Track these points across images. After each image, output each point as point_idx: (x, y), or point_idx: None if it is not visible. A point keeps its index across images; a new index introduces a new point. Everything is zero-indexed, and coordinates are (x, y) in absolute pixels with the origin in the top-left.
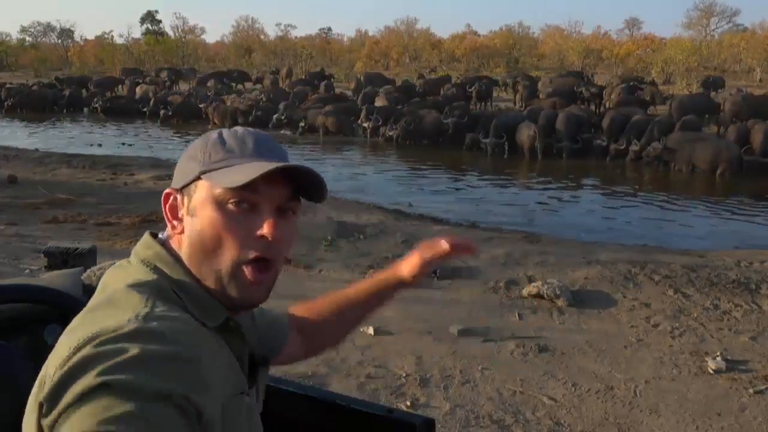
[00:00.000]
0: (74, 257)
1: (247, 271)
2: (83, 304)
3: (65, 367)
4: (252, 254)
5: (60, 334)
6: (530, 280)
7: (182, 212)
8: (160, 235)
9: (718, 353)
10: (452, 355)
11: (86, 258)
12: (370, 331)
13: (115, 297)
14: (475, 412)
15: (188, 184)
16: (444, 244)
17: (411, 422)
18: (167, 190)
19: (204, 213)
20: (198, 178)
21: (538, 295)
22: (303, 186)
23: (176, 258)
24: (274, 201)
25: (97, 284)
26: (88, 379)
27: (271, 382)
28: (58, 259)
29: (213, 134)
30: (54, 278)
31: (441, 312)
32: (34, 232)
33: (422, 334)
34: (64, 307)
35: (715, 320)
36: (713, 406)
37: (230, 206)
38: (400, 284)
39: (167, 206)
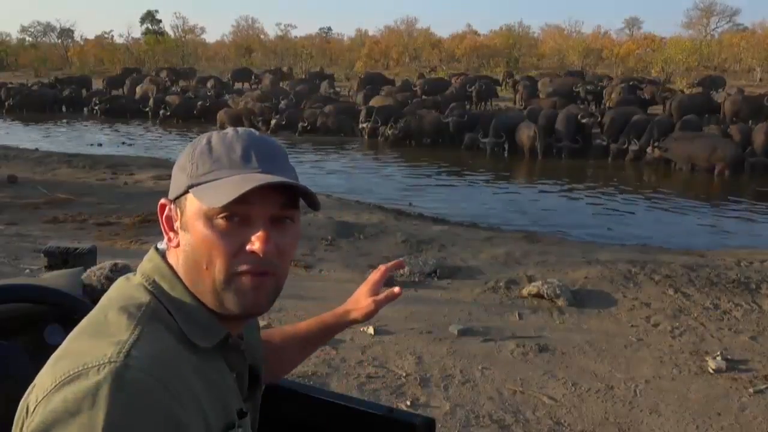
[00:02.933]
0: (74, 257)
1: (242, 279)
2: (83, 304)
3: (48, 409)
4: (244, 269)
5: (60, 334)
6: (530, 279)
7: (177, 224)
8: (159, 246)
9: (718, 353)
10: (452, 354)
11: (86, 258)
12: (370, 330)
13: (105, 319)
14: (475, 411)
15: (179, 197)
16: (376, 274)
17: (411, 422)
18: (162, 201)
19: (195, 228)
20: (186, 191)
21: (538, 295)
22: (299, 193)
23: (174, 273)
24: (267, 211)
25: (97, 284)
26: None
27: None
28: (58, 259)
29: (202, 140)
30: (54, 278)
31: (441, 312)
32: (34, 231)
33: (422, 333)
34: (64, 307)
35: (716, 320)
36: (713, 405)
37: (219, 221)
38: (352, 323)
39: (163, 217)
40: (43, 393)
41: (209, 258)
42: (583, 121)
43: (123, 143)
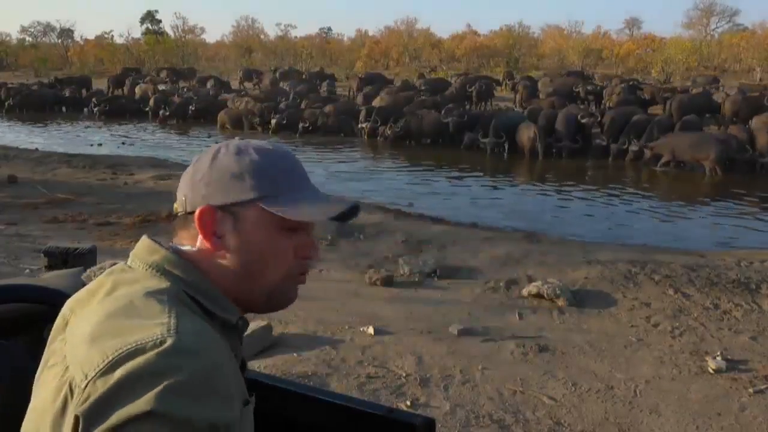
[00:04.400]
0: (74, 257)
1: (294, 281)
2: None
3: (109, 384)
4: (299, 272)
5: None
6: (530, 279)
7: (223, 230)
8: (184, 247)
9: (718, 353)
10: (452, 355)
11: (86, 258)
12: (370, 331)
13: (134, 304)
14: (475, 411)
15: (237, 204)
16: None
17: (411, 422)
18: (204, 207)
19: (260, 236)
20: (253, 202)
21: (538, 295)
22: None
23: (187, 261)
24: (314, 225)
25: None
26: (137, 405)
27: (271, 381)
28: (58, 259)
29: (253, 155)
30: (54, 278)
31: (441, 312)
32: (34, 231)
33: (422, 334)
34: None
35: (715, 320)
36: (713, 405)
37: (286, 231)
38: None
39: (202, 221)
40: (94, 370)
41: (272, 261)
42: (583, 121)
43: (123, 143)
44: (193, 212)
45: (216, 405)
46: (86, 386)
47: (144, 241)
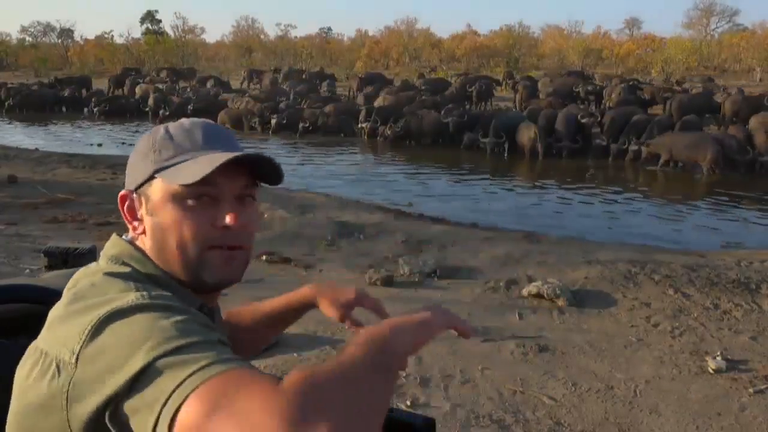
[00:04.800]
0: (74, 257)
1: (216, 253)
2: None
3: (99, 345)
4: (216, 244)
5: None
6: (530, 279)
7: (141, 212)
8: (124, 237)
9: (718, 353)
10: (452, 354)
11: (86, 258)
12: None
13: (95, 287)
14: (475, 411)
15: (142, 184)
16: (350, 294)
17: (411, 422)
18: (123, 192)
19: (165, 211)
20: (152, 177)
21: (538, 295)
22: (259, 172)
23: (143, 254)
24: (233, 191)
25: None
26: (135, 359)
27: None
28: (58, 259)
29: (160, 129)
30: (54, 278)
31: None
32: (34, 231)
33: None
34: None
35: (715, 320)
36: (713, 405)
37: (190, 202)
38: (310, 307)
39: (125, 208)
40: (78, 341)
41: (181, 237)
42: (583, 121)
43: (123, 143)
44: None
45: (205, 331)
46: (74, 358)
47: (111, 237)
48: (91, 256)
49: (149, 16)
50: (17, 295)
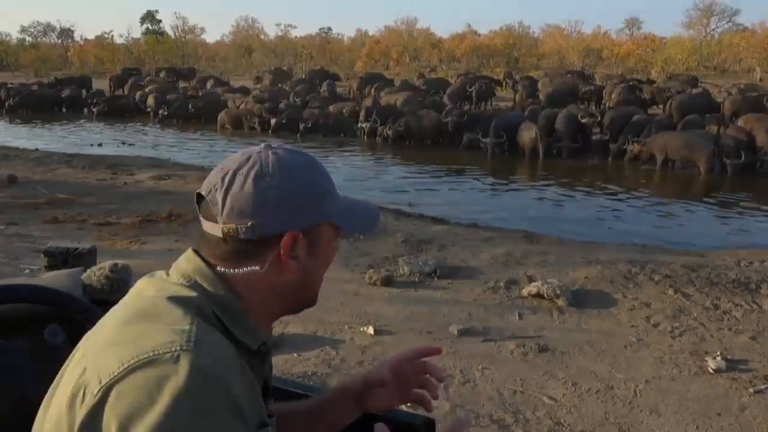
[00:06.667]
0: (74, 257)
1: None
2: (83, 304)
3: (121, 393)
4: None
5: (60, 334)
6: (530, 279)
7: (296, 252)
8: (229, 270)
9: (718, 353)
10: (452, 354)
11: (86, 258)
12: (370, 330)
13: (154, 309)
14: (475, 411)
15: (315, 226)
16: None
17: (411, 422)
18: (293, 233)
19: (328, 252)
20: (325, 221)
21: (538, 295)
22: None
23: (218, 275)
24: None
25: (96, 284)
26: (147, 419)
27: (271, 382)
28: (58, 259)
29: (301, 171)
30: (54, 278)
31: (441, 312)
32: (34, 231)
33: (422, 334)
34: (64, 307)
35: (715, 320)
36: (713, 405)
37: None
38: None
39: (287, 247)
40: (108, 376)
41: (325, 269)
42: (583, 121)
43: (123, 143)
44: (266, 238)
45: (223, 423)
46: (98, 392)
47: (187, 251)
48: (91, 256)
49: (149, 16)
50: (17, 295)
